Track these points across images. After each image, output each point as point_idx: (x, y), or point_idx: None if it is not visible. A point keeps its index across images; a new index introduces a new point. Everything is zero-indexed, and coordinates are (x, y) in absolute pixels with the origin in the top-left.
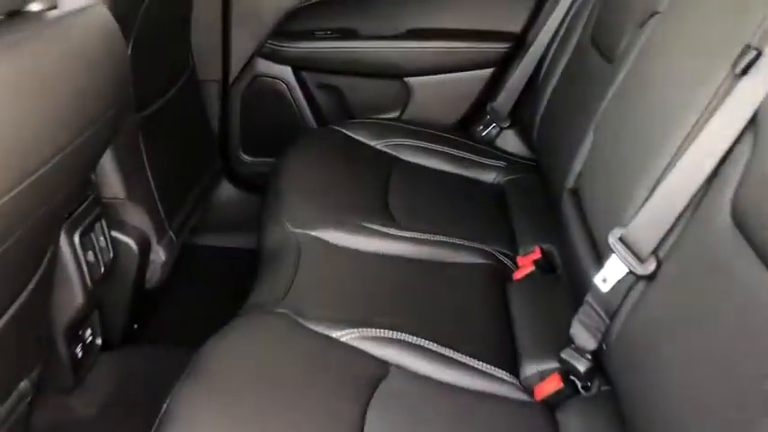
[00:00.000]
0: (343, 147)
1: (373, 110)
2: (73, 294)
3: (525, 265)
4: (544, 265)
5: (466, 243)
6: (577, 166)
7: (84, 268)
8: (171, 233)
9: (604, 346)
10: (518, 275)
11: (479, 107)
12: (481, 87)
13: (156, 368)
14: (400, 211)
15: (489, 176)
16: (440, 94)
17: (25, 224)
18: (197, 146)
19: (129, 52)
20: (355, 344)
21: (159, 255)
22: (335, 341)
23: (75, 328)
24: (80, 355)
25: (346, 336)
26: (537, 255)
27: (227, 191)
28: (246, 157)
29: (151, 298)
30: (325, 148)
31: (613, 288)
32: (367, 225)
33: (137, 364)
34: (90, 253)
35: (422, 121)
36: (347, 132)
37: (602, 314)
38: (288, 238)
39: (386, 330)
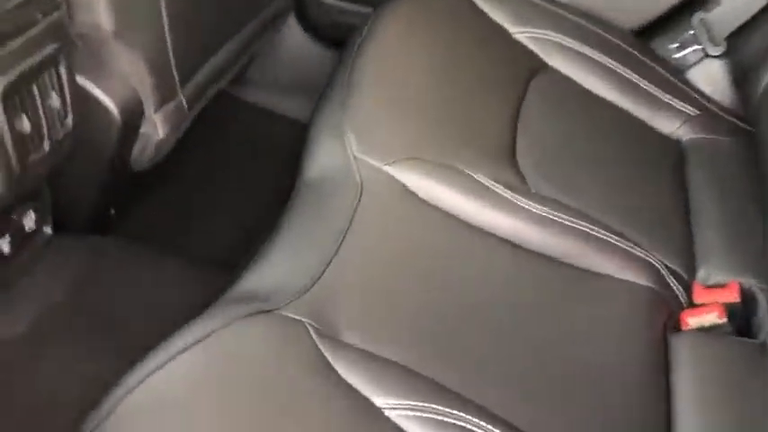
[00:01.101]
0: (466, 26)
1: None
2: None
3: (706, 307)
4: (741, 319)
5: (622, 243)
6: None
7: (8, 142)
8: (182, 98)
9: None
10: (690, 321)
11: (680, 14)
12: None
13: (127, 274)
14: (533, 163)
15: (667, 125)
16: None
17: None
18: None
19: None
20: (409, 428)
21: (156, 127)
22: (376, 413)
23: None
24: (6, 250)
25: (397, 410)
26: (732, 295)
27: (293, 36)
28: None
29: (143, 177)
30: (438, 25)
31: None
32: (479, 179)
33: (100, 262)
34: (23, 118)
35: (589, 13)
36: (475, 0)
37: None
38: (346, 168)
39: (467, 416)
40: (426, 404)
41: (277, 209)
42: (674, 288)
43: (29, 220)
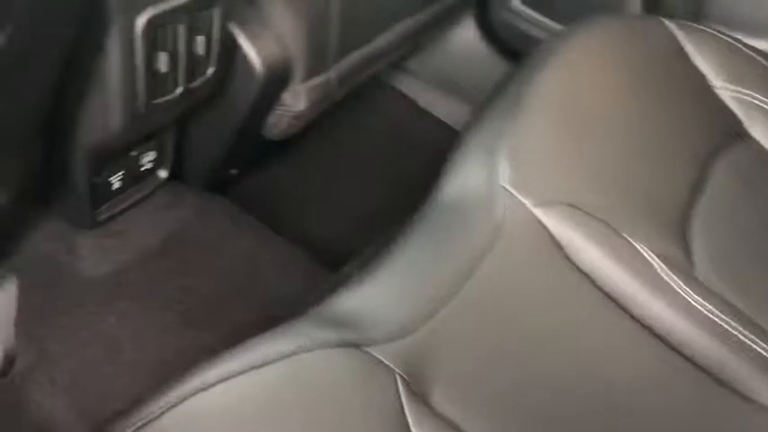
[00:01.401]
0: (663, 68)
1: None
2: (108, 110)
3: None
4: None
5: None
6: None
7: (140, 77)
8: (333, 74)
9: None
10: None
11: None
12: None
13: (231, 241)
14: (707, 246)
15: None
16: None
17: None
18: None
19: None
20: None
21: (298, 99)
22: None
23: (115, 153)
24: (116, 185)
25: None
26: None
27: (467, 34)
28: (519, 6)
29: (271, 145)
30: (631, 60)
31: None
32: (639, 247)
33: (207, 221)
34: (162, 57)
35: None
36: (673, 33)
37: None
38: (489, 198)
39: None
40: None
41: (401, 213)
42: None
43: (146, 160)
